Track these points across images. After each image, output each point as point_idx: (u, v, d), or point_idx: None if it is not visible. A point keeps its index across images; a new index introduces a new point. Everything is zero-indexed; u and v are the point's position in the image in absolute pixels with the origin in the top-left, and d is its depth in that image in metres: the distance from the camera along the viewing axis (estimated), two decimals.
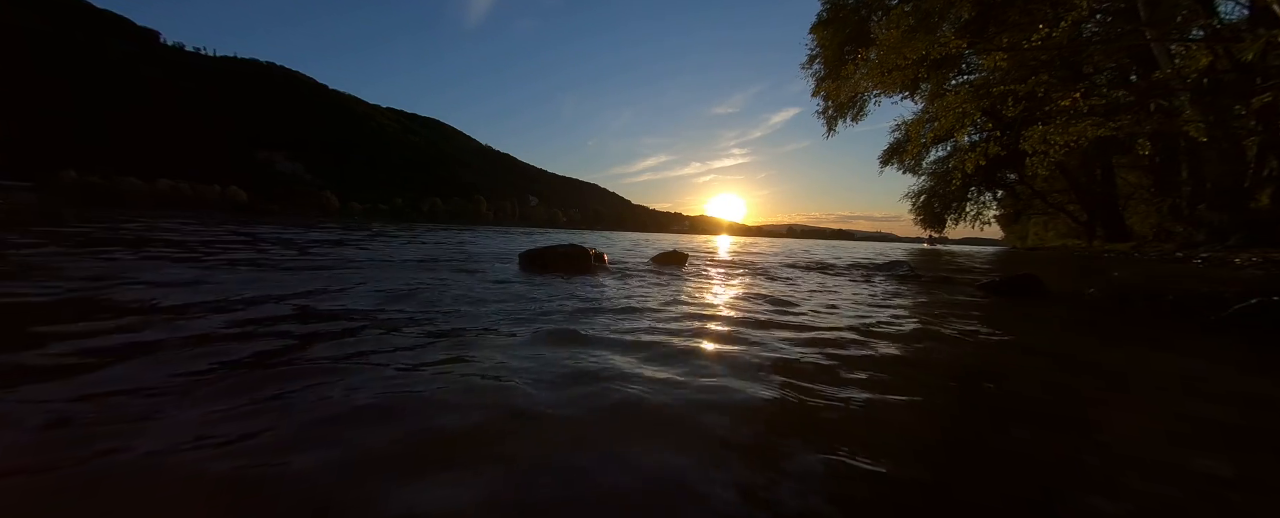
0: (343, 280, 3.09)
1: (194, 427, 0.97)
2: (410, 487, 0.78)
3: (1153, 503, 0.84)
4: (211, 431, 0.95)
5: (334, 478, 0.80)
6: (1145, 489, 0.87)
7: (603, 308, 2.55)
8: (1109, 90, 12.95)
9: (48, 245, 4.40)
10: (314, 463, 0.84)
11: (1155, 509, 0.82)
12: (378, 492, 0.77)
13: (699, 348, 1.77)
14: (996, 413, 1.25)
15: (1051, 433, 1.13)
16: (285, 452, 0.88)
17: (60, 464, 0.82)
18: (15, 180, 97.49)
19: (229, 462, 0.84)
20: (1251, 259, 8.55)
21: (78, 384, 1.17)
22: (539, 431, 1.01)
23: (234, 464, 0.83)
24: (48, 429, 0.94)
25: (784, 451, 0.97)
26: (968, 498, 0.83)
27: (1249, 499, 0.86)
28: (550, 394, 1.21)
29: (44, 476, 0.79)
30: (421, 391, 1.21)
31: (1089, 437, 1.11)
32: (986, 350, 2.01)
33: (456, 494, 0.77)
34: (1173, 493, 0.87)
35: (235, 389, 1.17)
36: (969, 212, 26.74)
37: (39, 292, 2.27)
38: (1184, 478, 0.92)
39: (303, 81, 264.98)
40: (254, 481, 0.79)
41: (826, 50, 16.82)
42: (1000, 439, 1.08)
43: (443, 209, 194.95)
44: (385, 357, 1.47)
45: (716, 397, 1.25)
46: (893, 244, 48.27)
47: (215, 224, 12.94)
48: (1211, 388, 1.58)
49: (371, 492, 0.77)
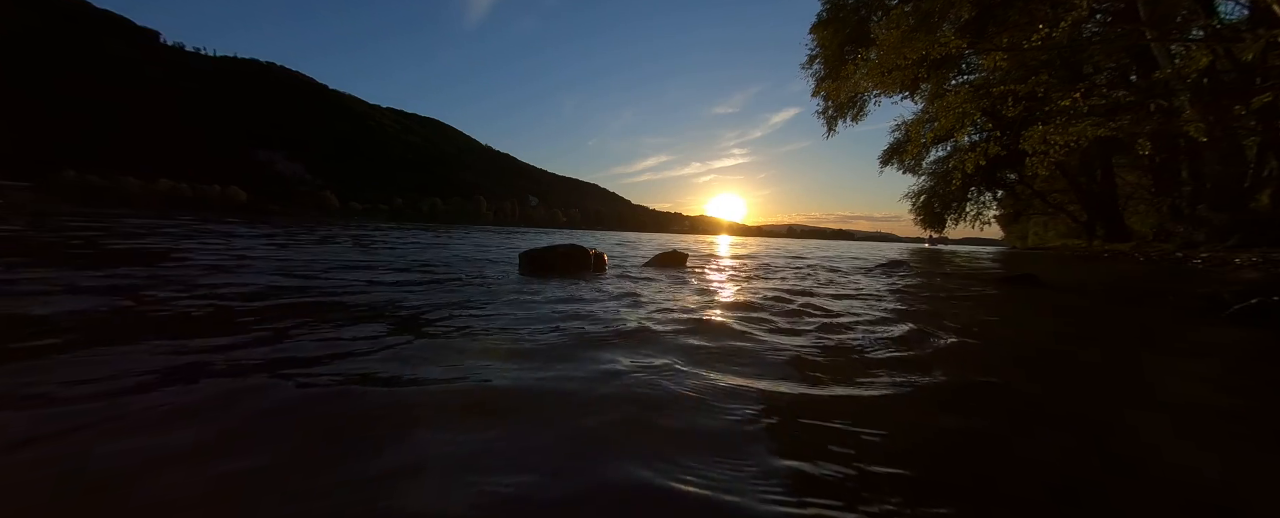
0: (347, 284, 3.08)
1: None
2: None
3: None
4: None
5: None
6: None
7: (603, 307, 2.55)
8: (1109, 90, 12.97)
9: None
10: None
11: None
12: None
13: (700, 343, 1.77)
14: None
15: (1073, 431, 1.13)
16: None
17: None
18: (14, 180, 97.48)
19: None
20: (1251, 259, 8.56)
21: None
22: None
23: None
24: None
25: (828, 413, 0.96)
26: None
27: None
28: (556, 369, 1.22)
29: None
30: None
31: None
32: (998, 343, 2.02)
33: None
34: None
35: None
36: (969, 212, 26.78)
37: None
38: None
39: (303, 81, 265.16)
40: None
41: (826, 50, 16.84)
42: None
43: (442, 209, 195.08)
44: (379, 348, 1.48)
45: (708, 385, 1.25)
46: (893, 244, 48.29)
47: (199, 224, 12.93)
48: (1216, 372, 1.58)
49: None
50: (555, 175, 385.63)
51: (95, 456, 0.86)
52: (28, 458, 0.85)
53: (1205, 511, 0.83)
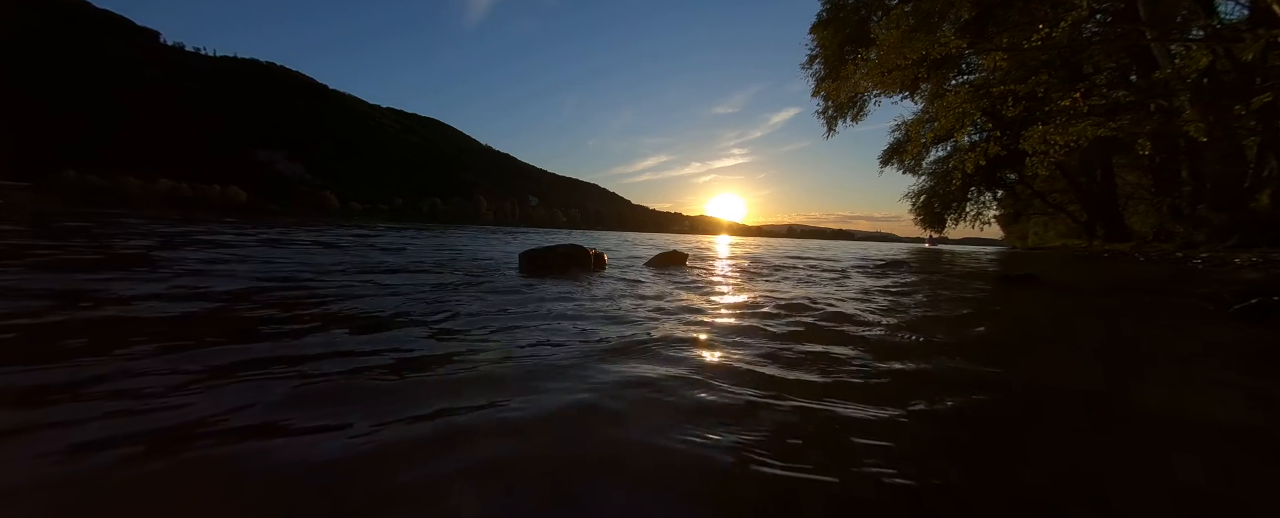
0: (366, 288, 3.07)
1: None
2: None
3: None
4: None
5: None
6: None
7: (602, 308, 2.55)
8: (1109, 90, 12.97)
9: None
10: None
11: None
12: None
13: (698, 340, 1.77)
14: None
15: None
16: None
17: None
18: (14, 180, 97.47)
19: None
20: (1251, 259, 8.55)
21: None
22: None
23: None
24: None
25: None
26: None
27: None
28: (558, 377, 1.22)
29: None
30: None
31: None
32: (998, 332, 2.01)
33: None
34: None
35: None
36: (969, 212, 26.77)
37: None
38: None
39: (303, 81, 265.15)
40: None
41: (826, 50, 16.84)
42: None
43: (443, 209, 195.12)
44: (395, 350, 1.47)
45: (700, 376, 1.25)
46: (893, 244, 48.26)
47: (189, 223, 12.92)
48: (1216, 371, 1.58)
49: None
50: (555, 175, 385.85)
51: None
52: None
53: (1205, 509, 0.83)
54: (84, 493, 0.74)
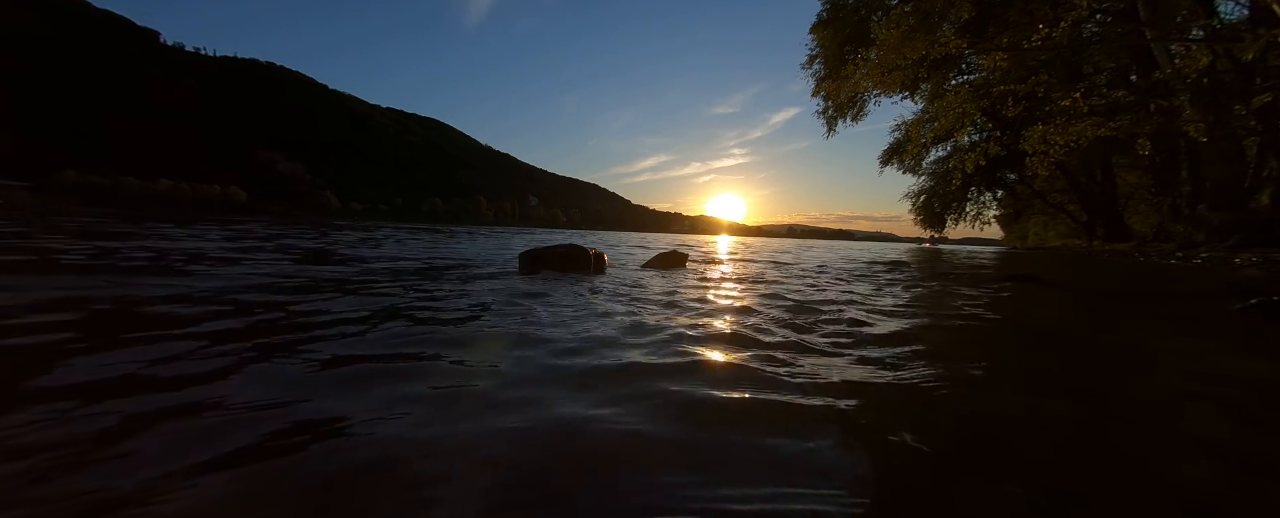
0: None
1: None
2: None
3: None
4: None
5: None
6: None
7: (602, 307, 2.55)
8: (1109, 90, 12.99)
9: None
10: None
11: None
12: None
13: (698, 337, 1.77)
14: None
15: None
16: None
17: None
18: (15, 180, 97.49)
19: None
20: (1252, 259, 8.56)
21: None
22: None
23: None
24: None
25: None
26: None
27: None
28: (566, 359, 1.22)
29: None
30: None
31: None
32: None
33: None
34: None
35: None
36: (969, 212, 26.81)
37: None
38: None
39: (303, 82, 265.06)
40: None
41: (826, 50, 16.85)
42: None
43: (443, 209, 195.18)
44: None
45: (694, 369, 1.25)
46: (893, 244, 48.29)
47: (182, 224, 12.92)
48: (1218, 362, 1.58)
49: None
50: (555, 175, 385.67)
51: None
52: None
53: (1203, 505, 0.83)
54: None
